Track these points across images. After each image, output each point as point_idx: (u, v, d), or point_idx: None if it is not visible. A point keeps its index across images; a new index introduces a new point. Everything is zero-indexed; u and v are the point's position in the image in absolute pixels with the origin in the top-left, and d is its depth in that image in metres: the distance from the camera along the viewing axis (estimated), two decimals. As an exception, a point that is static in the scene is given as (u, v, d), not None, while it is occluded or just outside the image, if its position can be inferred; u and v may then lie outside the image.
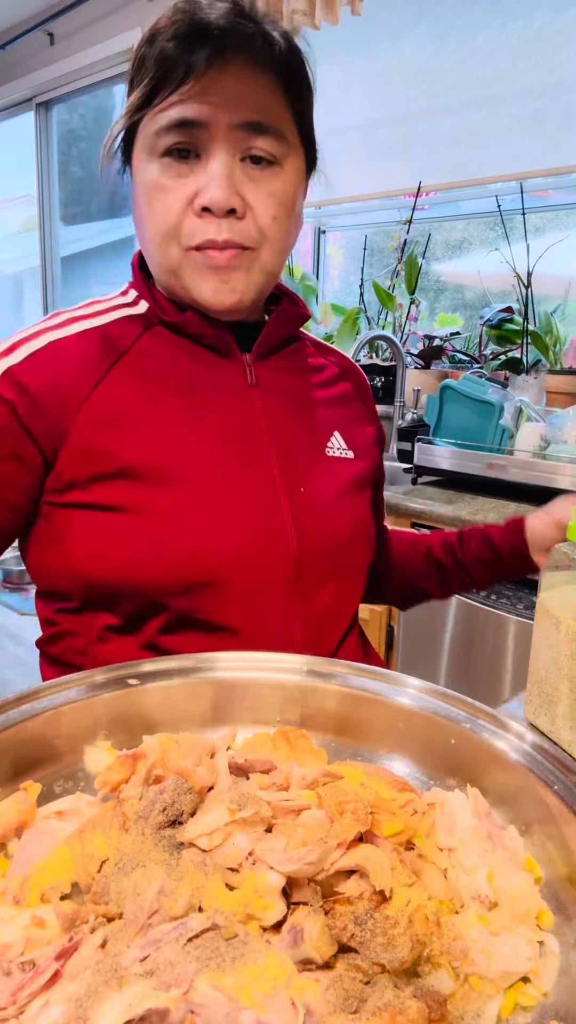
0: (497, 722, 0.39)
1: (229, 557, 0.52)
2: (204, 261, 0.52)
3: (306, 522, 0.56)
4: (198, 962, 0.26)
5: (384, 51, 1.95)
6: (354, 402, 0.68)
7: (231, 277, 0.53)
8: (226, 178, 0.50)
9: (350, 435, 0.64)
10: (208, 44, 0.48)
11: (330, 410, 0.64)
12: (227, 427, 0.56)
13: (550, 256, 1.71)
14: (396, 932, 0.28)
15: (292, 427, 0.59)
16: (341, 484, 0.61)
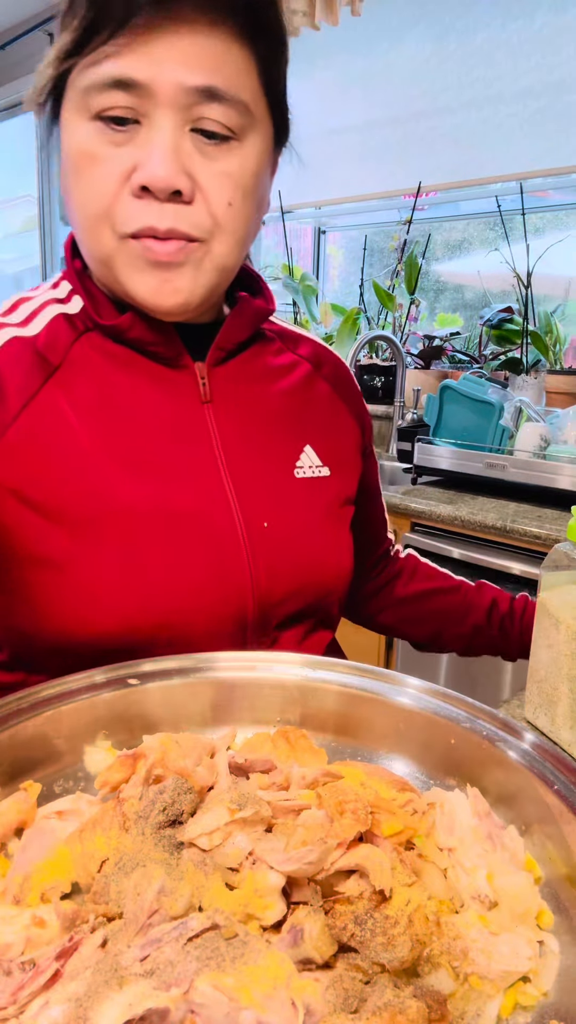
0: (496, 722, 0.39)
1: (173, 619, 0.45)
2: (142, 253, 0.42)
3: (271, 564, 0.49)
4: (198, 962, 0.26)
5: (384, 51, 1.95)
6: (331, 402, 0.58)
7: (174, 275, 0.43)
8: (171, 152, 0.40)
9: (326, 446, 0.55)
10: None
11: (302, 420, 0.54)
12: (175, 459, 0.47)
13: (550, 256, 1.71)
14: (396, 932, 0.28)
15: (254, 450, 0.51)
16: (314, 511, 0.52)
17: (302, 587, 0.51)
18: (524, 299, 1.70)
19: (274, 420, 0.53)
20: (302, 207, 2.22)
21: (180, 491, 0.47)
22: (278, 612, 0.51)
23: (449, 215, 2.06)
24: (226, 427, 0.50)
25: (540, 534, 1.23)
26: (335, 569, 0.54)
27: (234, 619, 0.49)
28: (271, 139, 0.46)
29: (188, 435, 0.49)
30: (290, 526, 0.51)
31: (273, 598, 0.50)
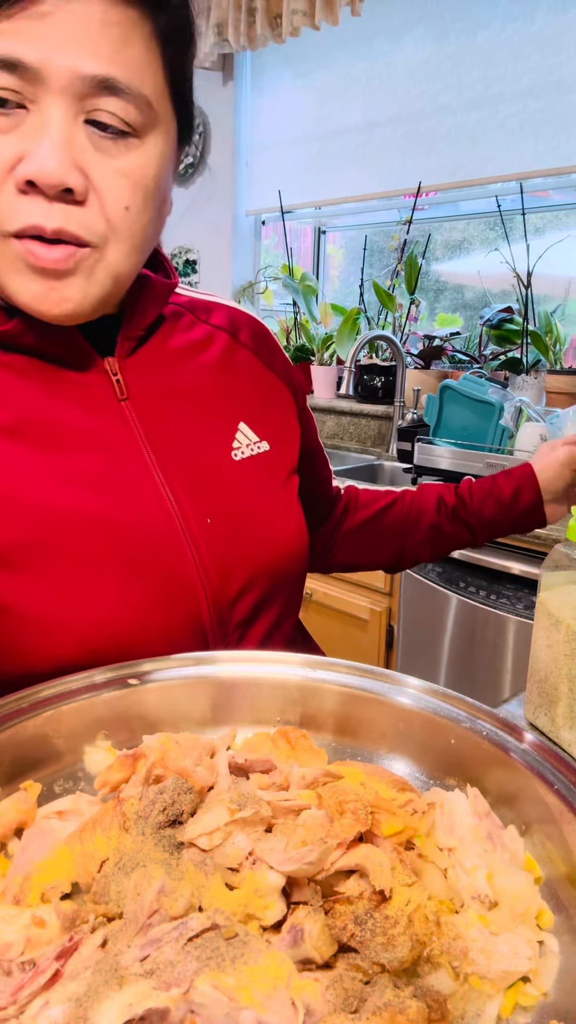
0: (497, 722, 0.39)
1: (131, 636, 0.43)
2: (25, 256, 0.38)
3: (221, 561, 0.46)
4: (198, 962, 0.26)
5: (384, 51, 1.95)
6: (256, 369, 0.53)
7: (62, 283, 0.39)
8: (61, 144, 0.36)
9: (261, 419, 0.51)
10: None
11: (230, 396, 0.50)
12: (102, 469, 0.44)
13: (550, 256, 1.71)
14: (396, 932, 0.28)
15: (185, 441, 0.47)
16: (260, 490, 0.50)
17: (256, 577, 0.48)
18: (524, 299, 1.70)
19: (200, 402, 0.49)
20: (302, 207, 2.22)
21: (115, 502, 0.44)
22: (238, 609, 0.48)
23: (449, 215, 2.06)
24: (149, 423, 0.47)
25: (540, 534, 1.23)
26: (288, 549, 0.50)
27: (191, 625, 0.46)
28: (175, 137, 0.42)
29: (110, 440, 0.45)
30: (235, 515, 0.48)
31: (228, 594, 0.47)
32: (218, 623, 0.49)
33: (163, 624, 0.46)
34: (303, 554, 0.53)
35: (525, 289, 1.70)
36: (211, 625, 0.48)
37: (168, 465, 0.47)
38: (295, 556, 0.52)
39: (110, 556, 0.43)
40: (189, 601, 0.47)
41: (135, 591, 0.44)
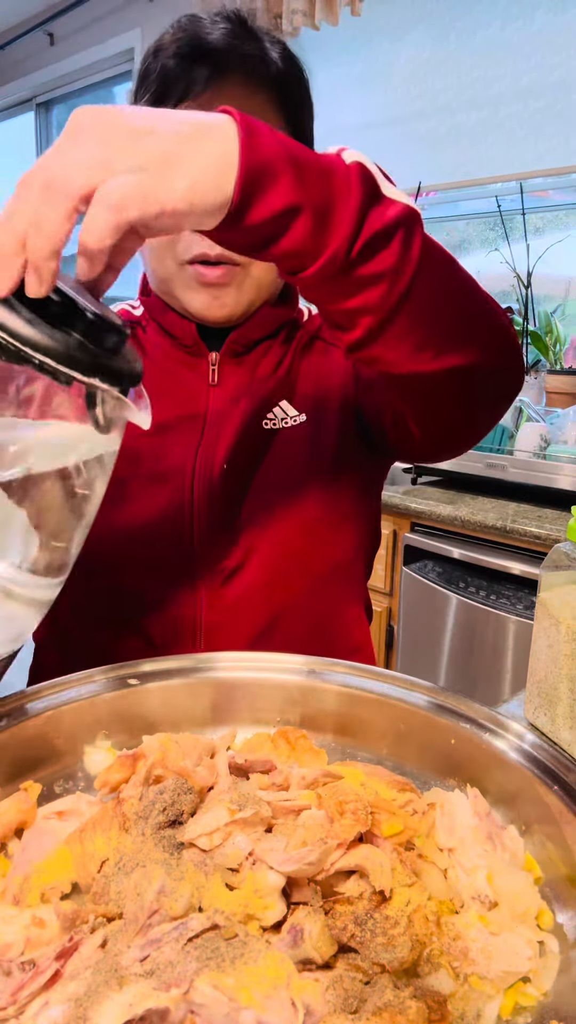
0: (497, 722, 0.39)
1: (107, 547, 0.52)
2: (195, 276, 0.53)
3: (225, 506, 0.55)
4: (198, 962, 0.26)
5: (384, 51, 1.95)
6: (322, 350, 0.61)
7: (221, 292, 0.54)
8: None
9: (305, 391, 0.58)
10: (207, 64, 0.49)
11: (276, 379, 0.59)
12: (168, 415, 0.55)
13: (550, 256, 1.71)
14: (396, 932, 0.28)
15: (237, 412, 0.56)
16: (286, 459, 0.57)
17: (257, 534, 0.55)
18: (524, 299, 1.70)
19: (259, 384, 0.59)
20: (302, 207, 2.21)
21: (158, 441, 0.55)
22: (230, 558, 0.55)
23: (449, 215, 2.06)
24: (223, 407, 0.57)
25: (540, 534, 1.23)
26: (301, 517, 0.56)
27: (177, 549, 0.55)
28: None
29: (188, 402, 0.56)
30: (251, 474, 0.56)
31: (221, 538, 0.54)
32: (205, 562, 0.55)
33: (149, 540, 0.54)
34: (319, 522, 0.57)
35: (525, 289, 1.70)
36: (199, 562, 0.55)
37: (214, 427, 0.56)
38: (306, 520, 0.57)
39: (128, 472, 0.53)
40: (177, 528, 0.55)
41: (131, 506, 0.54)
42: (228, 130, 0.30)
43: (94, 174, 0.28)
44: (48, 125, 3.05)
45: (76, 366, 0.28)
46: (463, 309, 0.40)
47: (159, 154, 0.29)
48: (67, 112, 3.01)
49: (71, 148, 0.29)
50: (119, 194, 0.28)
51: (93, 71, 2.69)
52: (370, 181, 0.33)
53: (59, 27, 2.71)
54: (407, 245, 0.34)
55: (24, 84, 2.97)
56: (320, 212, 0.32)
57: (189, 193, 0.29)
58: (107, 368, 0.29)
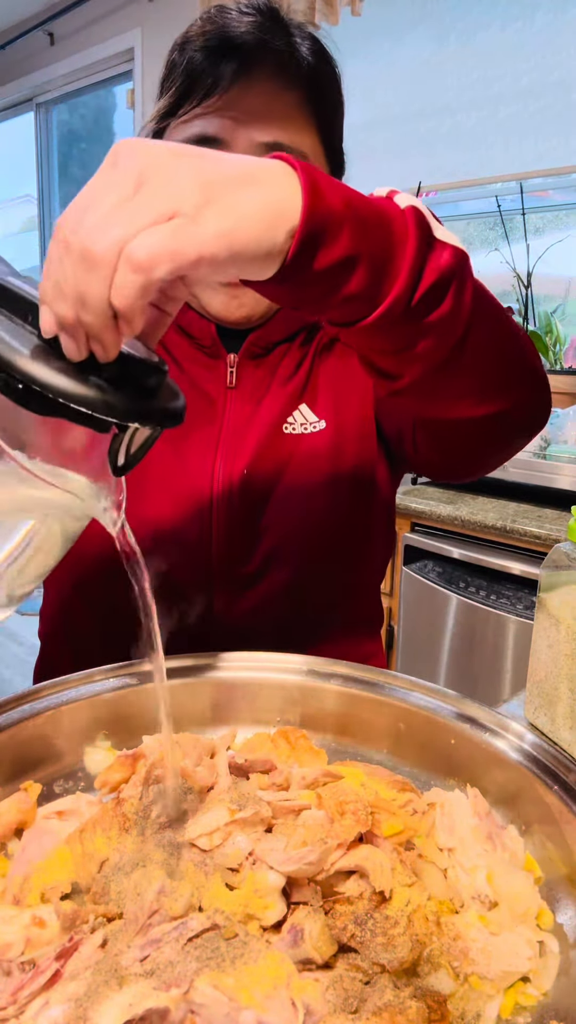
0: (497, 722, 0.39)
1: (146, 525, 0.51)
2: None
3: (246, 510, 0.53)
4: (198, 962, 0.26)
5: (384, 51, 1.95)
6: (342, 353, 0.60)
7: (240, 293, 0.53)
8: None
9: (325, 396, 0.57)
10: (234, 59, 0.48)
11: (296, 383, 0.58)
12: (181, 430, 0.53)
13: (550, 256, 1.71)
14: (396, 932, 0.28)
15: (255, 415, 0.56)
16: (306, 463, 0.55)
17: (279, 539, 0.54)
18: (524, 299, 1.70)
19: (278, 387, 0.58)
20: (302, 207, 2.21)
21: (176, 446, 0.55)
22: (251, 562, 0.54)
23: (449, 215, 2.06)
24: (239, 411, 0.56)
25: (540, 534, 1.23)
26: (318, 520, 0.55)
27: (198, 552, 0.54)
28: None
29: (206, 404, 0.56)
30: (270, 478, 0.55)
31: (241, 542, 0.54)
32: (223, 567, 0.54)
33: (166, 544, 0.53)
34: (339, 531, 0.57)
35: (525, 289, 1.70)
36: (217, 567, 0.54)
37: (230, 432, 0.56)
38: (326, 530, 0.56)
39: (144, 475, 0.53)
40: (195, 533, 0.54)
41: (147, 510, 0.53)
42: (282, 177, 0.28)
43: (123, 231, 0.25)
44: (48, 125, 3.05)
45: (112, 412, 0.26)
46: (506, 356, 0.40)
47: (198, 197, 0.26)
48: (67, 112, 3.01)
49: (102, 195, 0.26)
50: (145, 252, 0.25)
51: (93, 71, 2.69)
52: (425, 226, 0.32)
53: (59, 27, 2.71)
54: (460, 292, 0.34)
55: (24, 84, 2.97)
56: (379, 262, 0.30)
57: (227, 239, 0.26)
58: (143, 411, 0.28)
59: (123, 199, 0.26)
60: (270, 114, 0.49)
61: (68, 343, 0.26)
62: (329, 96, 0.53)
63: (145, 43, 2.36)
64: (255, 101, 0.48)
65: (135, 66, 2.44)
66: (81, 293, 0.25)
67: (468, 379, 0.38)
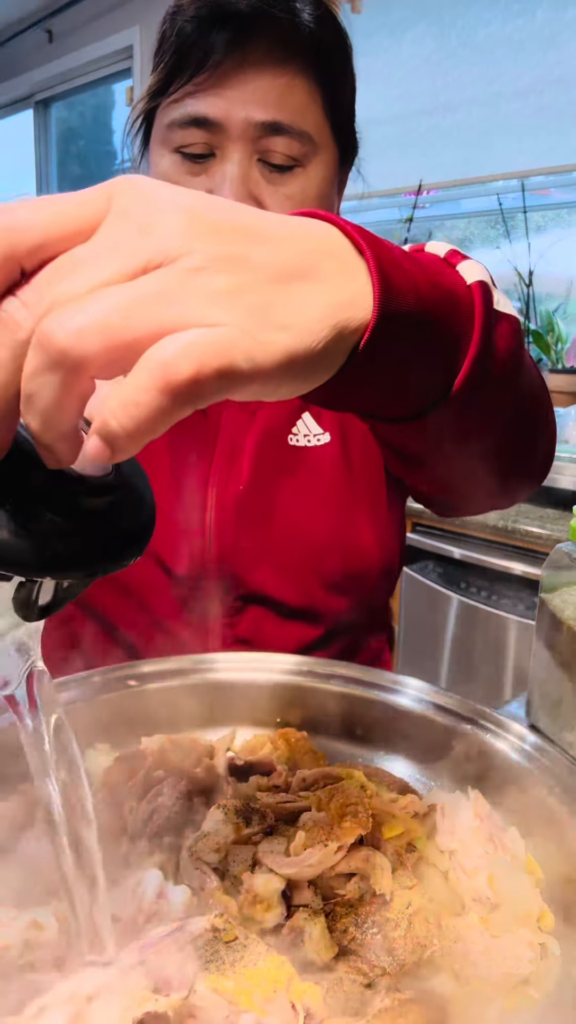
0: (498, 723, 0.39)
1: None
2: None
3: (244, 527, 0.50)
4: (197, 965, 0.26)
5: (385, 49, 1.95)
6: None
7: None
8: (239, 181, 0.46)
9: (328, 411, 0.54)
10: (228, 29, 0.43)
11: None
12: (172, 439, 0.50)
13: (552, 255, 1.71)
14: (397, 935, 0.28)
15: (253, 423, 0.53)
16: (310, 479, 0.52)
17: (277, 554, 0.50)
18: (526, 298, 1.70)
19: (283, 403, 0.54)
20: (302, 205, 2.21)
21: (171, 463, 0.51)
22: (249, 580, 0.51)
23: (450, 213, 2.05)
24: (235, 414, 0.53)
25: (541, 534, 1.23)
26: (320, 542, 0.51)
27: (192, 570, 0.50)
28: (335, 161, 0.51)
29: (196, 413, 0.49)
30: (271, 493, 0.51)
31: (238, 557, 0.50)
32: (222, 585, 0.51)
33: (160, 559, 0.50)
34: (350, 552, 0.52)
35: (527, 288, 1.69)
36: (215, 585, 0.51)
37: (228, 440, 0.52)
38: (329, 550, 0.52)
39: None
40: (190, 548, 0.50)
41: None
42: (344, 264, 0.21)
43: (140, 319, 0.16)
44: (47, 123, 3.04)
45: (14, 564, 0.17)
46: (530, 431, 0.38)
47: (248, 300, 0.18)
48: (66, 110, 3.00)
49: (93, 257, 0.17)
50: (190, 367, 0.16)
51: (92, 68, 2.69)
52: (490, 302, 0.27)
53: (58, 24, 2.70)
54: (516, 374, 0.30)
55: (23, 82, 2.96)
56: (438, 359, 0.25)
57: (287, 359, 0.18)
58: (65, 560, 0.18)
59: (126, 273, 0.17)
60: (267, 90, 0.44)
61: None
62: (336, 69, 0.48)
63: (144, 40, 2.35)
64: (251, 75, 0.44)
65: (134, 63, 2.43)
66: (30, 388, 0.17)
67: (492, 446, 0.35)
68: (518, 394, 0.33)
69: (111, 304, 0.16)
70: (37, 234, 0.17)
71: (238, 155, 0.46)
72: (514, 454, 0.39)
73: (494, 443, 0.35)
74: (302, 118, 0.46)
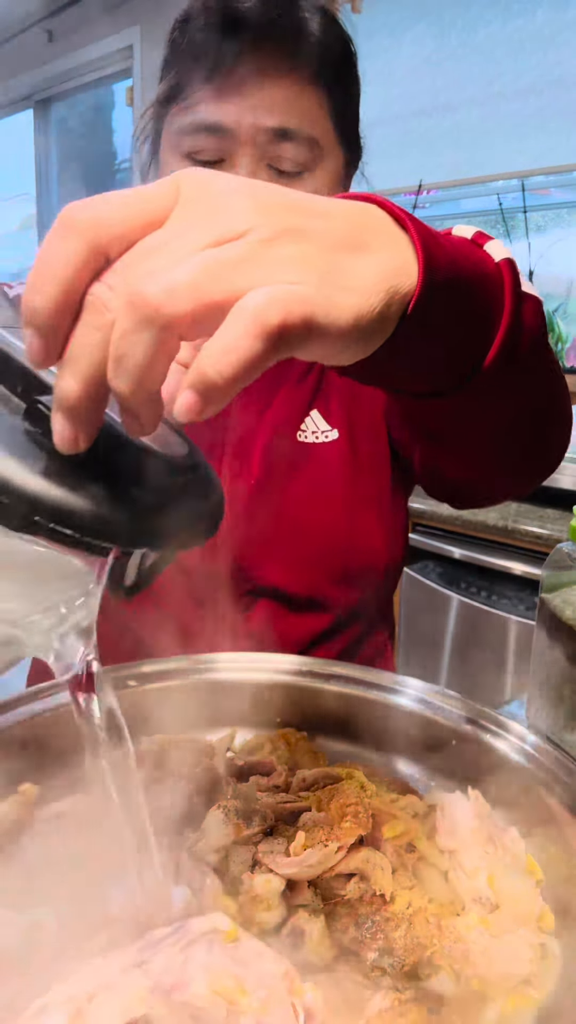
0: (498, 723, 0.39)
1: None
2: None
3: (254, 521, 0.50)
4: (198, 965, 0.26)
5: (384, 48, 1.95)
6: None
7: None
8: None
9: (338, 404, 0.54)
10: (238, 37, 0.45)
11: (308, 385, 0.54)
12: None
13: (552, 255, 1.71)
14: (397, 935, 0.28)
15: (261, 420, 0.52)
16: (320, 476, 0.53)
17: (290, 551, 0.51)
18: (525, 298, 1.70)
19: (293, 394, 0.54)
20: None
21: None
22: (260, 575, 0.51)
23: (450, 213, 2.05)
24: (246, 409, 0.53)
25: (542, 534, 1.23)
26: (331, 543, 0.52)
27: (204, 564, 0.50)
28: (342, 166, 0.53)
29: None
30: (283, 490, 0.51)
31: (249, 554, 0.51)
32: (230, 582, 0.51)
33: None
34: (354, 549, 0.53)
35: (526, 287, 1.69)
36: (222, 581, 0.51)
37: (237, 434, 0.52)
38: (337, 544, 0.53)
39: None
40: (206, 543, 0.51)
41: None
42: (391, 238, 0.23)
43: (232, 280, 0.18)
44: (47, 122, 3.04)
45: (112, 536, 0.18)
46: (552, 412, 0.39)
47: (318, 263, 0.20)
48: (66, 109, 3.00)
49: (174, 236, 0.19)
50: (279, 311, 0.18)
51: (92, 68, 2.69)
52: (517, 279, 0.28)
53: (58, 24, 2.70)
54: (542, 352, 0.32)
55: (23, 81, 2.96)
56: (478, 325, 0.27)
57: (355, 316, 0.20)
58: (154, 532, 0.19)
59: (203, 248, 0.19)
60: (277, 97, 0.46)
61: (64, 427, 0.18)
62: (343, 76, 0.50)
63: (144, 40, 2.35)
64: (260, 83, 0.46)
65: (134, 63, 2.43)
66: (122, 350, 0.18)
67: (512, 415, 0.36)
68: (542, 373, 0.34)
69: (199, 266, 0.18)
70: (118, 225, 0.19)
71: (247, 161, 0.47)
72: (536, 434, 0.40)
73: (522, 418, 0.36)
74: (310, 124, 0.48)
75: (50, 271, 0.19)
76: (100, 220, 0.19)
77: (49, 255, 0.19)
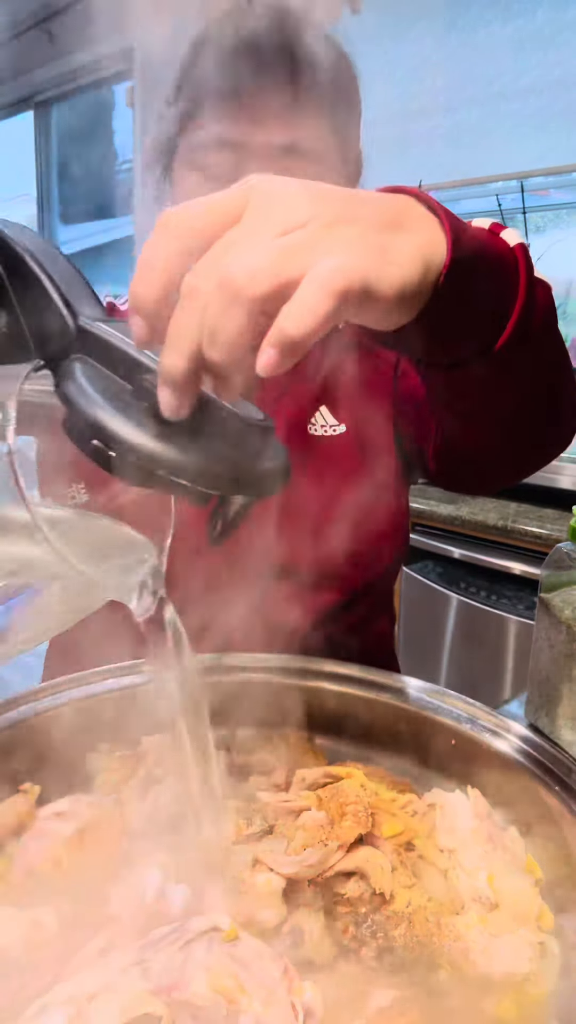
0: (498, 723, 0.39)
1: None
2: None
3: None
4: (198, 965, 0.26)
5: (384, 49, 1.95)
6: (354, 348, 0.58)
7: None
8: None
9: (345, 399, 0.56)
10: (250, 62, 0.48)
11: (316, 384, 0.56)
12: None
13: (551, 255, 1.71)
14: (396, 934, 0.28)
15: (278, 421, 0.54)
16: (329, 469, 0.54)
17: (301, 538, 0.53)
18: (525, 298, 1.70)
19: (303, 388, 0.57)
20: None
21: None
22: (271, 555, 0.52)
23: (450, 214, 2.05)
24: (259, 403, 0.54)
25: (541, 534, 1.23)
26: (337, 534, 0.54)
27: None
28: (347, 182, 0.55)
29: None
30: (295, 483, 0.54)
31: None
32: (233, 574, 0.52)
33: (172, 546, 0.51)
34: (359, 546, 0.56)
35: (526, 288, 1.69)
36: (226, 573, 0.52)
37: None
38: (346, 531, 0.54)
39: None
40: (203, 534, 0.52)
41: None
42: (423, 220, 0.27)
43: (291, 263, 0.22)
44: (47, 124, 3.04)
45: (216, 484, 0.23)
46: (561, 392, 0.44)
47: (369, 241, 0.24)
48: (66, 110, 3.01)
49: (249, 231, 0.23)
50: (343, 274, 0.23)
51: (93, 70, 2.69)
52: (531, 262, 0.33)
53: (58, 25, 2.70)
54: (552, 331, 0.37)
55: (23, 82, 2.96)
56: (497, 300, 0.31)
57: (401, 283, 0.25)
58: (249, 480, 0.24)
59: (276, 236, 0.23)
60: (286, 115, 0.50)
61: (170, 398, 0.23)
62: (346, 97, 0.54)
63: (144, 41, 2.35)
64: (272, 103, 0.49)
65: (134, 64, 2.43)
66: (216, 326, 0.22)
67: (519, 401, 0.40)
68: (552, 352, 0.38)
69: (274, 251, 0.23)
70: (203, 229, 0.24)
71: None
72: (552, 401, 0.43)
73: (538, 390, 0.40)
74: (317, 141, 0.52)
75: (152, 266, 0.23)
76: (190, 226, 0.24)
77: (151, 253, 0.24)
